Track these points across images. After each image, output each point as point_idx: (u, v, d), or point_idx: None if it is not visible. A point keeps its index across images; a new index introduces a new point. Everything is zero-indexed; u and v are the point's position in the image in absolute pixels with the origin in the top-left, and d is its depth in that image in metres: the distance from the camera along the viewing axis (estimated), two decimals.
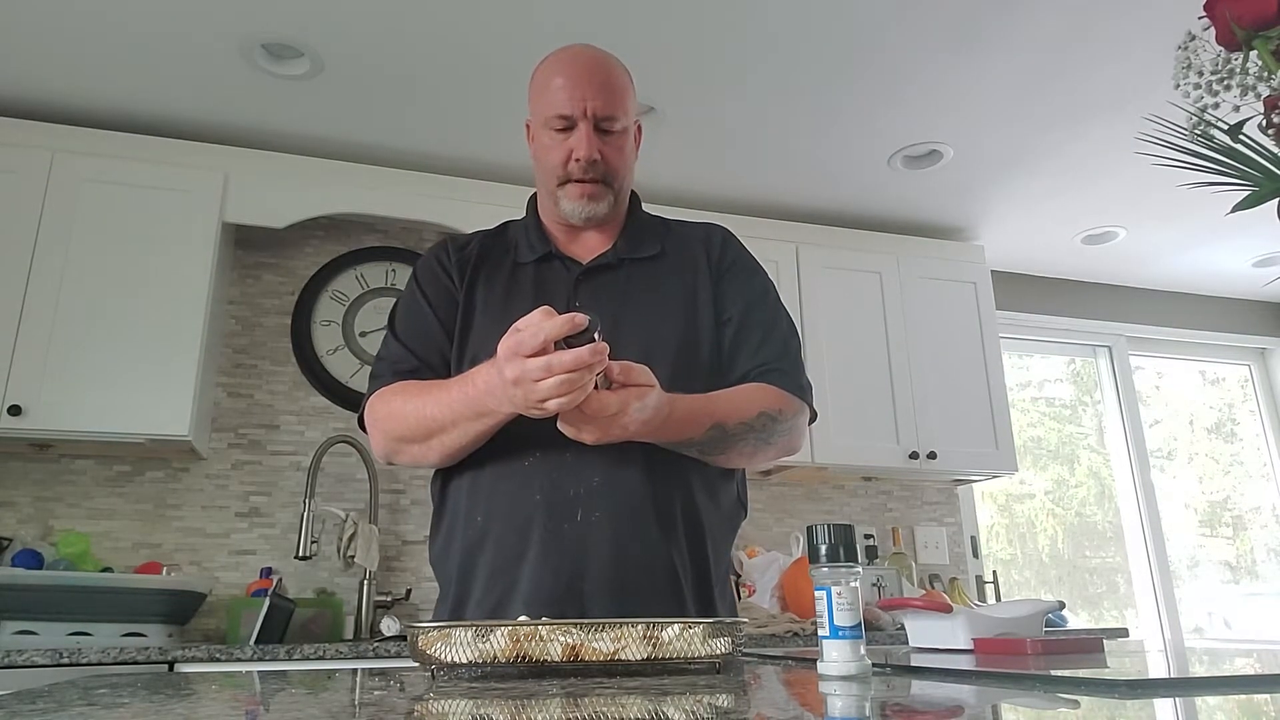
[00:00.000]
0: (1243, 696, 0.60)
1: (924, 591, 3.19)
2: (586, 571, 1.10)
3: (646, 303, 1.25)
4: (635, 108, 1.30)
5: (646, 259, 1.30)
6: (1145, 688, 0.62)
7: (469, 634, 0.77)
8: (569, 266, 1.28)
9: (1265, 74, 0.87)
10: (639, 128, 1.33)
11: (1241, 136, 0.88)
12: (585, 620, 0.78)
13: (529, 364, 0.97)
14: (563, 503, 1.13)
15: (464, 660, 0.77)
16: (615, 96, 1.23)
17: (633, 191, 1.37)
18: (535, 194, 1.36)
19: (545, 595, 1.09)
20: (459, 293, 1.28)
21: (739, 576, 2.97)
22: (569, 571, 1.10)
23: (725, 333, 1.28)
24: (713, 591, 1.21)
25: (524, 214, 1.37)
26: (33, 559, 2.34)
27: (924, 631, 1.07)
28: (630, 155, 1.30)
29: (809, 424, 1.29)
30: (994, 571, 3.47)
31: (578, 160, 1.22)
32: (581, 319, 0.95)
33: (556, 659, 0.76)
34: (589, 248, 1.30)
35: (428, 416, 1.14)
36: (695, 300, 1.27)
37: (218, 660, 2.06)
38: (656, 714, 0.53)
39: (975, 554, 3.56)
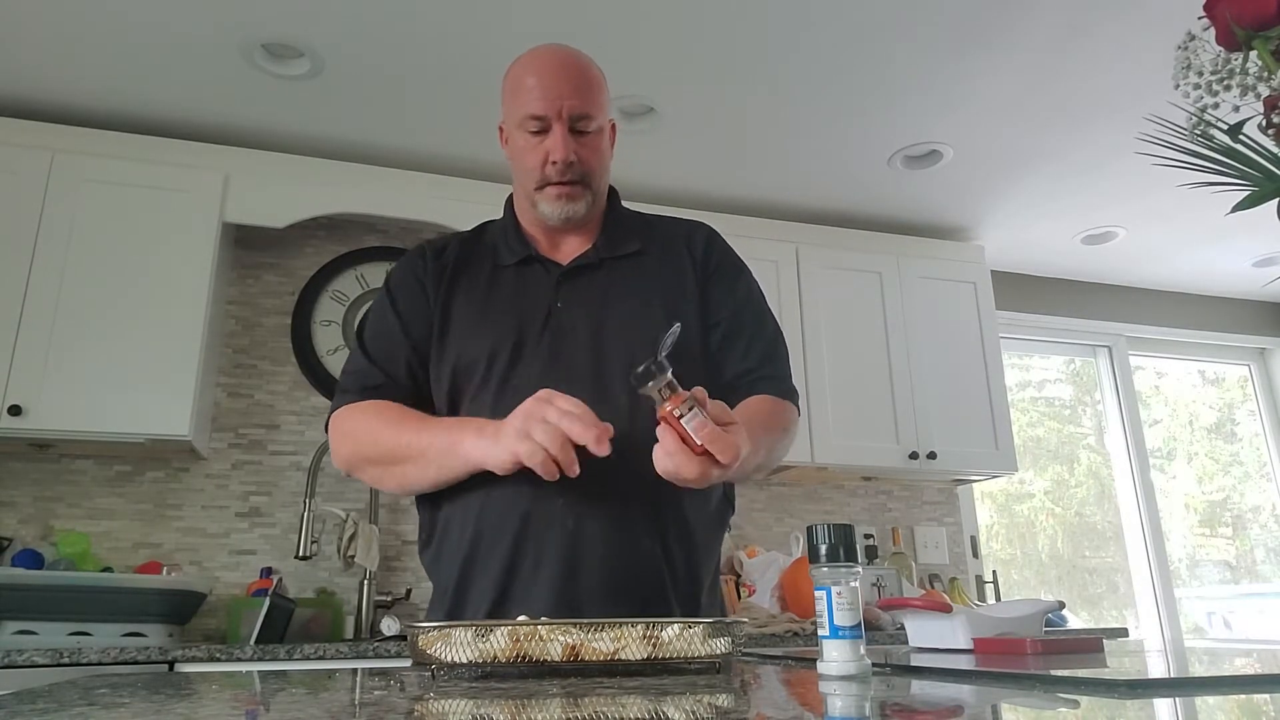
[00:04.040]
0: (1243, 696, 0.60)
1: (924, 591, 3.19)
2: (579, 579, 1.10)
3: (630, 302, 1.25)
4: (609, 106, 1.29)
5: (628, 256, 1.29)
6: (1145, 688, 0.62)
7: (469, 634, 0.77)
8: (549, 268, 1.27)
9: (1265, 74, 0.87)
10: (613, 126, 1.31)
11: (1241, 136, 0.88)
12: (585, 620, 0.78)
13: (565, 399, 1.02)
14: (552, 512, 1.12)
15: (464, 660, 0.77)
16: (590, 95, 1.21)
17: (611, 188, 1.36)
18: (512, 194, 1.35)
19: (539, 606, 1.09)
20: (435, 300, 1.27)
21: (739, 576, 2.97)
22: (562, 580, 1.10)
23: (714, 336, 1.28)
24: (700, 591, 1.21)
25: (501, 214, 1.36)
26: (33, 559, 2.34)
27: (924, 631, 1.07)
28: (606, 154, 1.28)
29: None
30: (994, 571, 3.47)
31: (554, 163, 1.20)
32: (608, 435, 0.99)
33: (556, 659, 0.76)
34: (569, 248, 1.29)
35: (402, 444, 1.15)
36: (681, 299, 1.27)
37: (218, 660, 2.06)
38: (656, 714, 0.53)
39: (975, 554, 3.56)
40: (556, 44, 1.28)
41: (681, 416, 0.94)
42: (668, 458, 0.97)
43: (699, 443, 0.94)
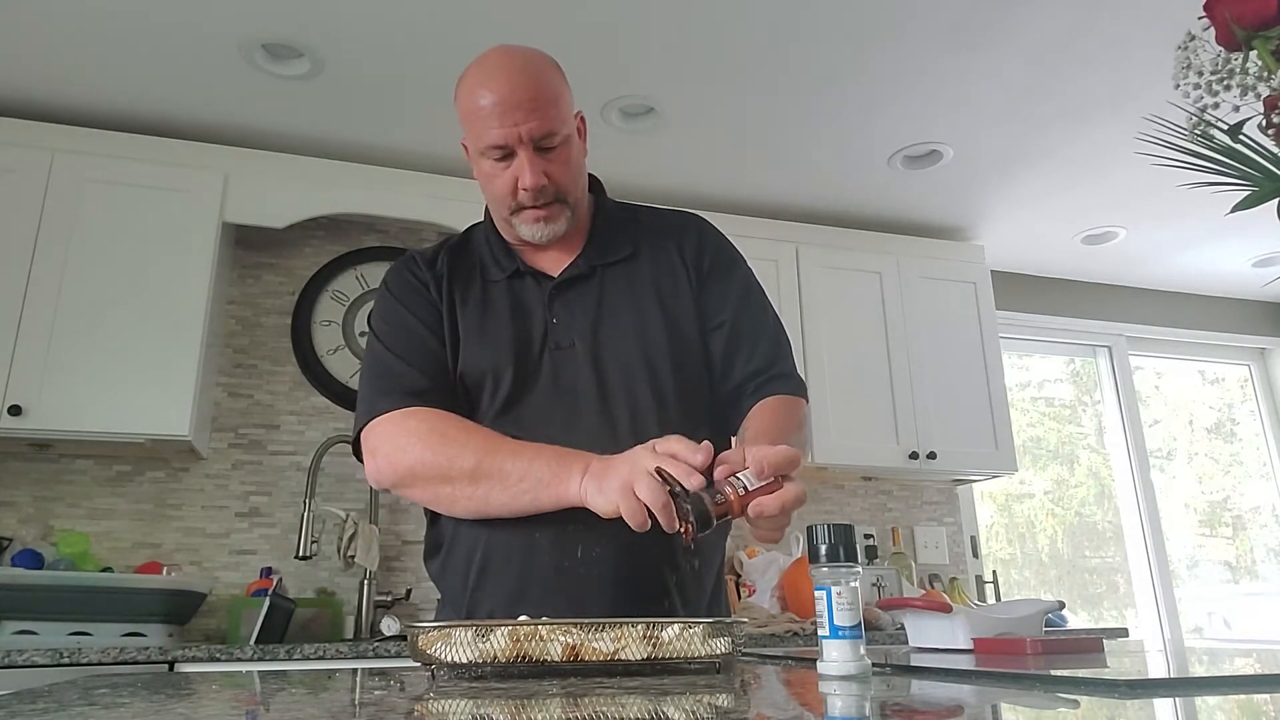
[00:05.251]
0: (1243, 696, 0.60)
1: (924, 591, 3.19)
2: (587, 607, 1.08)
3: (626, 309, 1.22)
4: (572, 106, 1.21)
5: (619, 261, 1.26)
6: (1145, 688, 0.62)
7: (469, 634, 0.77)
8: (541, 281, 1.24)
9: (1265, 74, 0.87)
10: (581, 120, 1.24)
11: (1241, 136, 0.88)
12: (585, 620, 0.78)
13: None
14: (564, 539, 1.10)
15: (464, 660, 0.77)
16: (549, 110, 1.14)
17: (596, 181, 1.32)
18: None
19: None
20: (442, 306, 1.23)
21: (739, 576, 2.97)
22: (571, 609, 1.08)
23: (716, 338, 1.25)
24: (705, 597, 1.21)
25: (483, 219, 1.31)
26: (33, 559, 2.34)
27: (924, 631, 1.07)
28: (578, 161, 1.21)
29: None
30: (994, 571, 3.47)
31: (526, 189, 1.15)
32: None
33: (556, 659, 0.76)
34: (558, 256, 1.26)
35: (492, 463, 1.07)
36: (676, 301, 1.25)
37: (218, 660, 2.06)
38: (656, 714, 0.53)
39: (975, 554, 3.56)
40: (506, 51, 1.18)
41: (747, 491, 0.92)
42: (783, 516, 0.94)
43: (769, 481, 0.93)
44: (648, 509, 0.94)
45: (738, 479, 0.92)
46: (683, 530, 0.91)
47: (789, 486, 0.93)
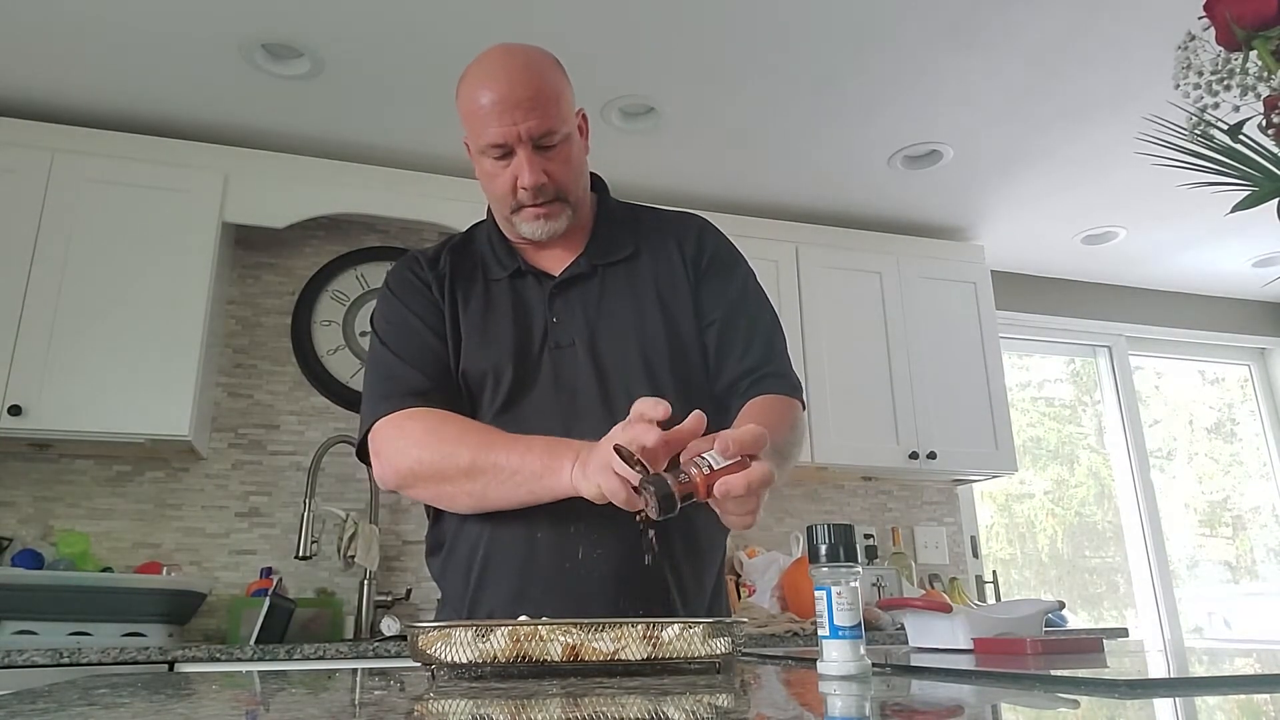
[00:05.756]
0: (1243, 696, 0.60)
1: (924, 591, 3.19)
2: (588, 607, 1.08)
3: (626, 309, 1.22)
4: (572, 102, 1.21)
5: (620, 261, 1.26)
6: (1145, 688, 0.62)
7: (469, 634, 0.77)
8: (542, 280, 1.24)
9: (1265, 74, 0.87)
10: (583, 116, 1.24)
11: (1241, 136, 0.88)
12: (585, 620, 0.78)
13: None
14: (564, 540, 1.10)
15: (464, 660, 0.77)
16: (549, 108, 1.14)
17: (598, 180, 1.33)
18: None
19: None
20: (444, 305, 1.23)
21: (739, 576, 2.97)
22: (571, 609, 1.08)
23: (709, 335, 1.25)
24: (706, 596, 1.21)
25: (486, 218, 1.31)
26: (33, 559, 2.34)
27: (924, 631, 1.07)
28: (579, 159, 1.22)
29: None
30: (994, 571, 3.47)
31: (525, 188, 1.16)
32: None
33: (556, 659, 0.76)
34: (560, 255, 1.26)
35: (487, 460, 1.07)
36: (675, 301, 1.25)
37: (218, 660, 2.06)
38: (656, 714, 0.53)
39: (975, 554, 3.56)
40: (506, 49, 1.18)
41: (712, 471, 0.89)
42: (751, 499, 0.92)
43: (735, 460, 0.90)
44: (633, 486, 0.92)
45: (703, 459, 0.90)
46: (647, 511, 0.89)
47: (756, 466, 0.90)
